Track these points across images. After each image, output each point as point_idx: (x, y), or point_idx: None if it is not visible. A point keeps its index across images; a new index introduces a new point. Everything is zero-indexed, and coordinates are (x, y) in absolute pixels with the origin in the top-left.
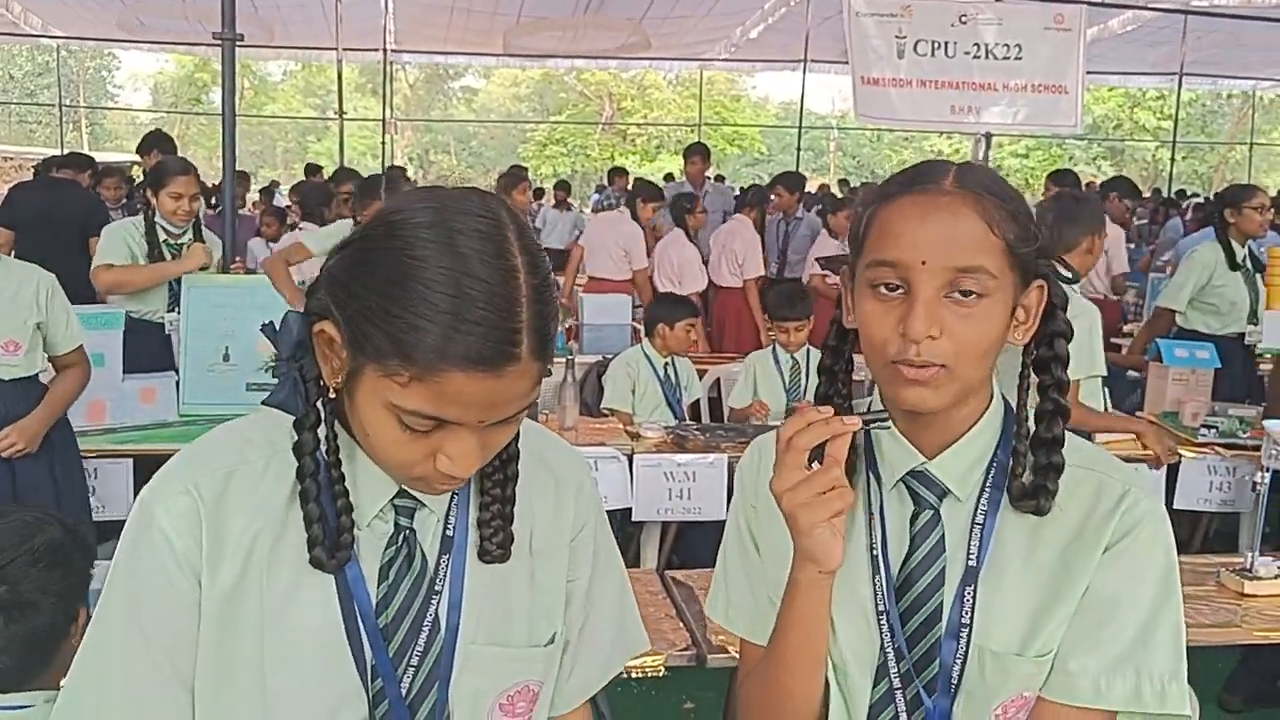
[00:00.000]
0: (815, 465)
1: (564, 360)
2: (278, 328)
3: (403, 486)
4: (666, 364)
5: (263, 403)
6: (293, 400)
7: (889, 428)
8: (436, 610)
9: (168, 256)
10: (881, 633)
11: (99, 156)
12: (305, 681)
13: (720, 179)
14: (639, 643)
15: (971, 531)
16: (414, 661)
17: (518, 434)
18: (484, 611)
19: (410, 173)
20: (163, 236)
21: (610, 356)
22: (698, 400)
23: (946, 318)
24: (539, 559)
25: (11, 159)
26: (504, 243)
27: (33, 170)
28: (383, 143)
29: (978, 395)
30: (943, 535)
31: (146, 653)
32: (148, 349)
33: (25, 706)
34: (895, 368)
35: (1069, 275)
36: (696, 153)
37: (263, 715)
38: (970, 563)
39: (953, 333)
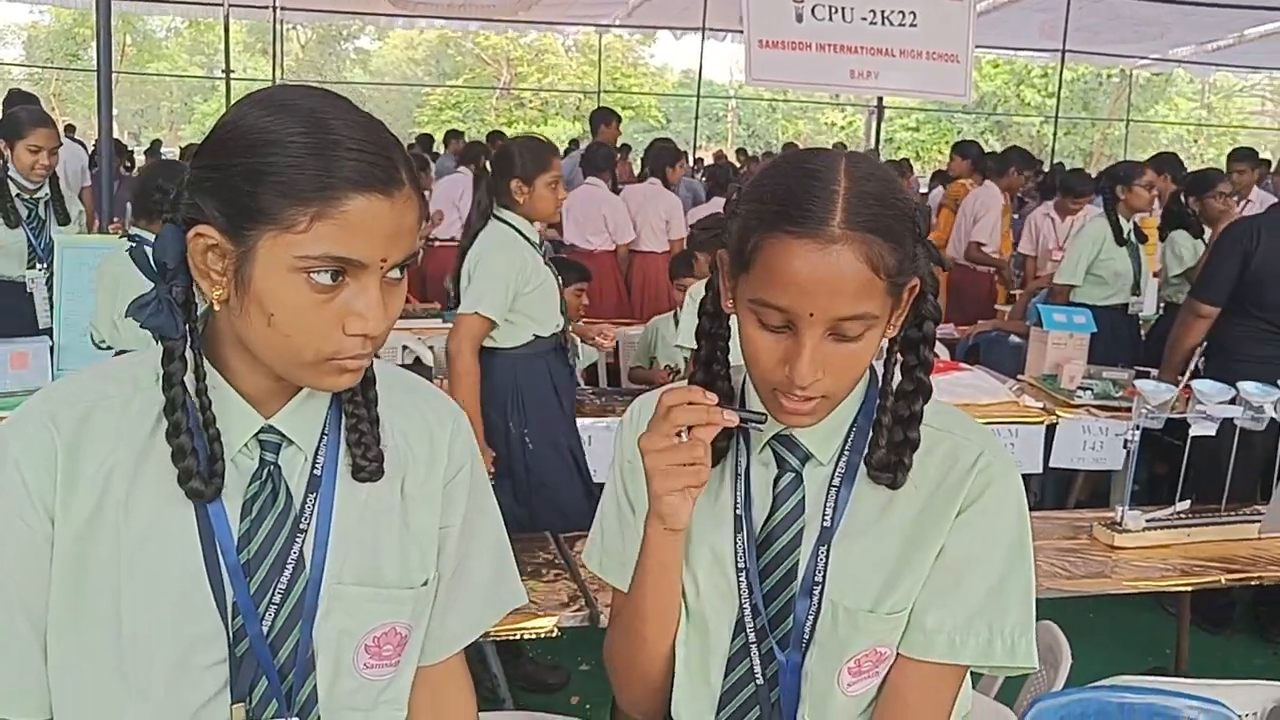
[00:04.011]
0: (683, 437)
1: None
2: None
3: (268, 422)
4: None
5: (141, 326)
6: (168, 323)
7: (762, 429)
8: (301, 548)
9: (22, 214)
10: (740, 589)
11: None
12: (163, 618)
13: (625, 148)
14: (515, 596)
15: (828, 494)
16: (276, 600)
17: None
18: (352, 551)
19: None
20: (15, 191)
21: None
22: (595, 364)
23: (830, 356)
24: (411, 502)
25: None
26: (345, 100)
27: None
28: None
29: None
30: (803, 497)
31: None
32: (7, 308)
33: None
34: (776, 393)
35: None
36: (605, 118)
37: (119, 653)
38: (825, 523)
39: (834, 369)
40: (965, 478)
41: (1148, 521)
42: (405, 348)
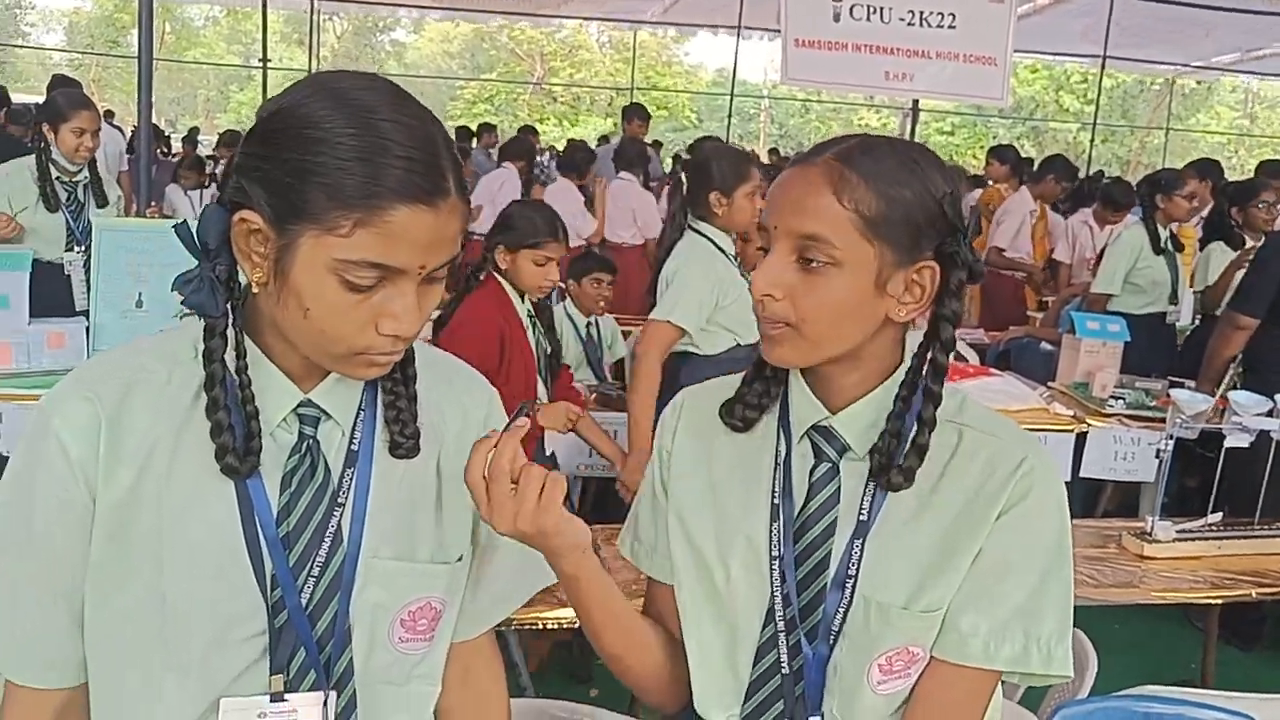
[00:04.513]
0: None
1: None
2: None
3: (306, 397)
4: (589, 324)
5: (181, 302)
6: (209, 302)
7: (522, 423)
8: (339, 522)
9: (62, 197)
10: (773, 577)
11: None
12: (203, 590)
13: (657, 145)
14: (545, 575)
15: (865, 488)
16: (314, 572)
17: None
18: (388, 526)
19: None
20: (55, 174)
21: None
22: (622, 360)
23: (794, 282)
24: (446, 480)
25: None
26: (400, 93)
27: None
28: None
29: (875, 360)
30: (838, 488)
31: (29, 561)
32: (45, 289)
33: None
34: (760, 321)
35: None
36: (636, 114)
37: (159, 623)
38: (861, 517)
39: (795, 296)
40: (1007, 481)
41: (1178, 532)
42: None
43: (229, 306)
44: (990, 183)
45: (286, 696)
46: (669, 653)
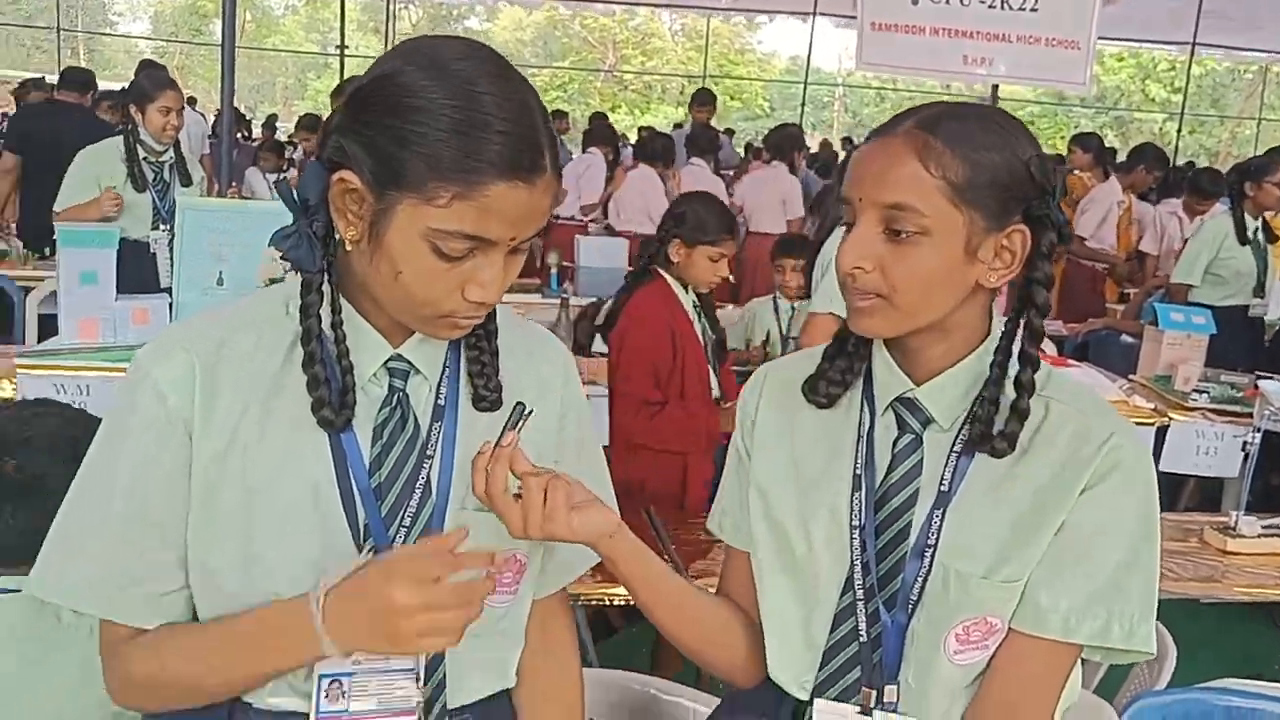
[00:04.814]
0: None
1: (559, 300)
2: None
3: (396, 352)
4: None
5: (280, 257)
6: (307, 257)
7: (519, 423)
8: (428, 473)
9: (148, 176)
10: (853, 546)
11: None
12: (296, 545)
13: (729, 132)
14: None
15: (948, 459)
16: (405, 522)
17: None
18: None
19: None
20: (143, 154)
21: (606, 299)
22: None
23: (883, 253)
24: (526, 434)
25: (8, 82)
26: (500, 64)
27: (11, 94)
28: None
29: (963, 328)
30: (921, 459)
31: (130, 503)
32: (132, 266)
33: (8, 591)
34: (847, 293)
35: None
36: (707, 100)
37: (250, 572)
38: (943, 488)
39: (886, 268)
40: (1093, 457)
41: (1264, 528)
42: None
43: (325, 263)
44: (1073, 171)
45: None
46: (729, 626)
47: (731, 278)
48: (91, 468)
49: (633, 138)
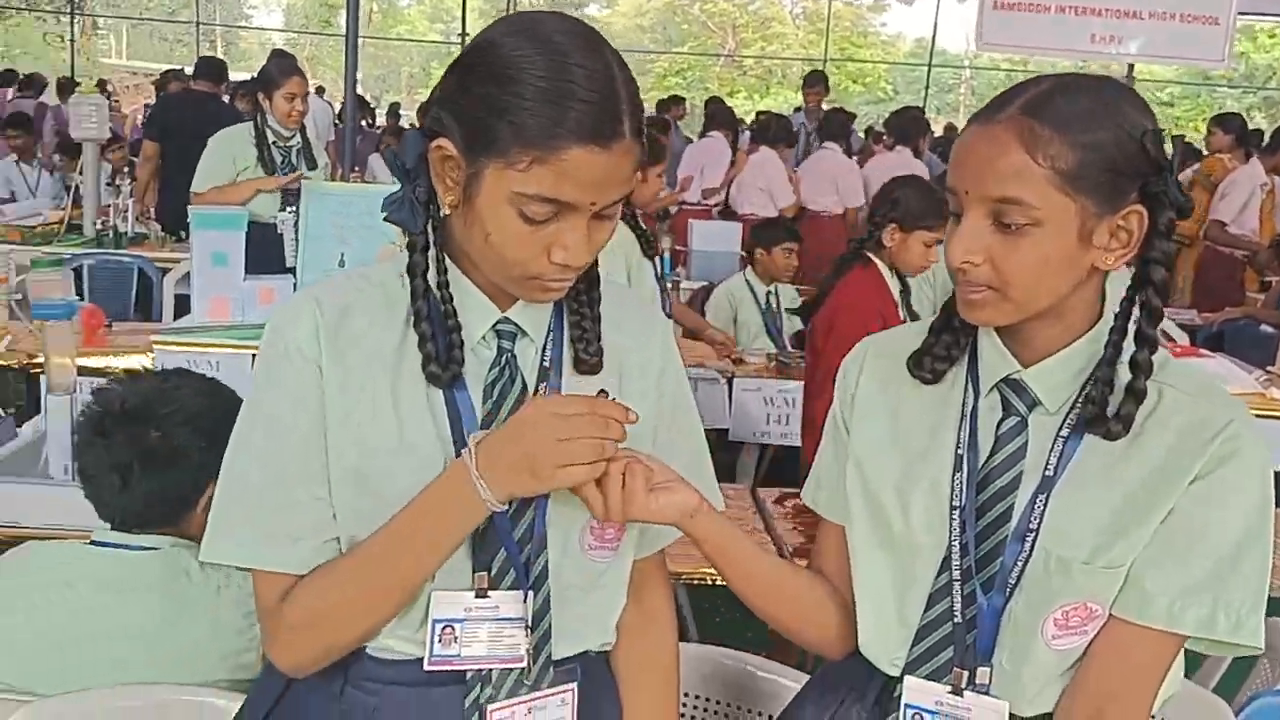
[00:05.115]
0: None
1: (671, 283)
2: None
3: (504, 315)
4: (769, 292)
5: (385, 219)
6: (409, 219)
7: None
8: None
9: (277, 160)
10: (952, 527)
11: (232, 76)
12: (414, 491)
13: (851, 116)
14: (715, 500)
15: (1054, 444)
16: None
17: (597, 266)
18: None
19: None
20: (271, 138)
21: (716, 283)
22: (801, 331)
23: (992, 245)
24: (629, 398)
25: (151, 75)
26: (593, 38)
27: (152, 85)
28: None
29: (1076, 312)
30: (1025, 442)
31: (278, 462)
32: (259, 247)
33: (151, 548)
34: (957, 284)
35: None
36: (817, 82)
37: (368, 521)
38: (1047, 473)
39: (997, 260)
40: (1207, 444)
41: None
42: None
43: (429, 227)
44: (1212, 153)
45: (490, 593)
46: (821, 603)
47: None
48: (239, 435)
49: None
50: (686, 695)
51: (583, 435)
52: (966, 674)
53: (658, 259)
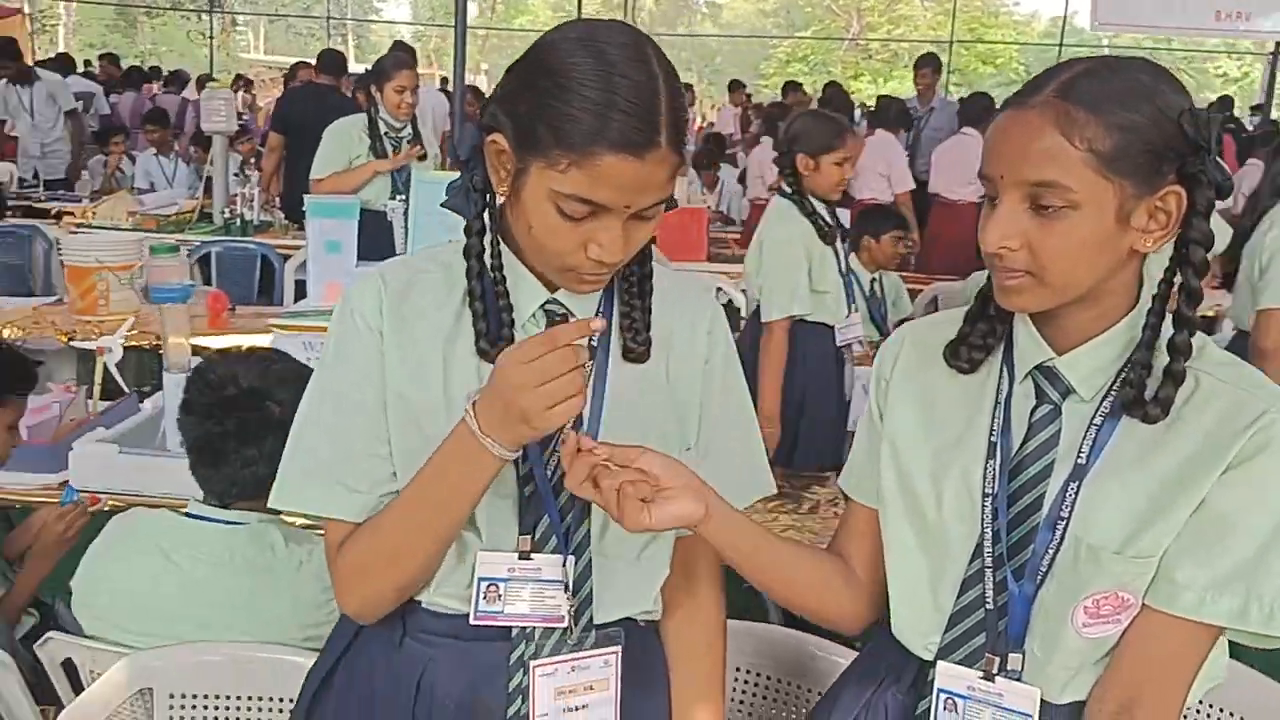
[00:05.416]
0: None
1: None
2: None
3: (552, 296)
4: (873, 279)
5: (441, 204)
6: (464, 205)
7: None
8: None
9: (388, 150)
10: (984, 514)
11: (363, 69)
12: None
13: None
14: (765, 484)
15: (1087, 431)
16: (558, 447)
17: (651, 252)
18: (623, 415)
19: None
20: (383, 129)
21: None
22: (907, 318)
23: (1029, 229)
24: (675, 380)
25: (285, 69)
26: (644, 51)
27: (283, 76)
28: None
29: (1113, 296)
30: (1059, 430)
31: (345, 416)
32: (371, 234)
33: (239, 523)
34: (994, 269)
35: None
36: (926, 64)
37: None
38: (1080, 460)
39: (1034, 245)
40: (1242, 433)
41: None
42: (719, 289)
43: (485, 214)
44: None
45: (532, 555)
46: (830, 582)
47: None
48: (310, 403)
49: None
50: (739, 670)
51: (555, 374)
52: (998, 660)
53: (840, 245)
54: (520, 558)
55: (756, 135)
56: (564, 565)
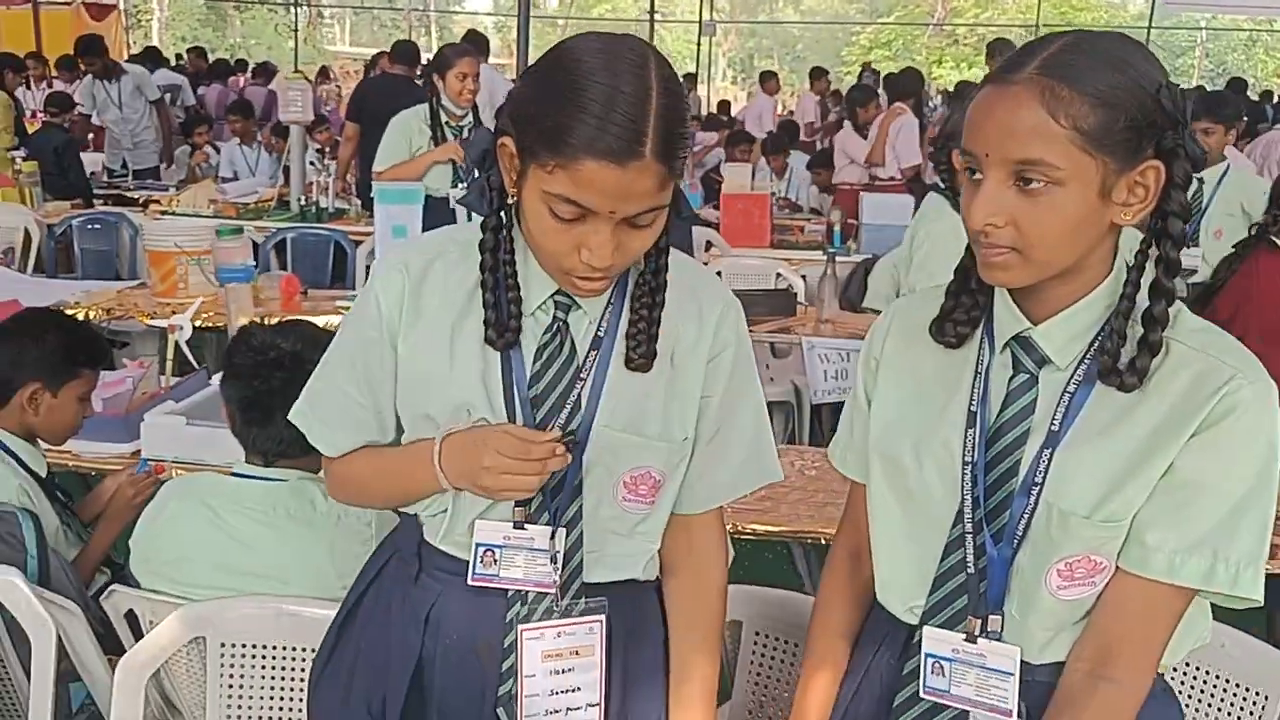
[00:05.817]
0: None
1: (827, 255)
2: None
3: (561, 289)
4: None
5: (457, 201)
6: (479, 202)
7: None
8: (580, 392)
9: (449, 138)
10: (963, 481)
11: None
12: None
13: None
14: (771, 472)
15: (1061, 399)
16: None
17: (666, 251)
18: (621, 404)
19: (730, 78)
20: (444, 118)
21: (879, 255)
22: None
23: (1014, 206)
24: (678, 370)
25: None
26: (644, 64)
27: (363, 66)
28: (698, 45)
29: (1090, 268)
30: (1035, 399)
31: (352, 372)
32: (434, 220)
33: (281, 480)
34: (978, 246)
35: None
36: (993, 52)
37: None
38: (1053, 428)
39: (1019, 221)
40: (1209, 399)
41: None
42: (779, 275)
43: (500, 210)
44: None
45: (526, 526)
46: (855, 620)
47: None
48: (333, 344)
49: None
50: (754, 634)
51: (517, 471)
52: (979, 622)
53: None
54: (515, 527)
55: (838, 120)
56: (552, 537)
